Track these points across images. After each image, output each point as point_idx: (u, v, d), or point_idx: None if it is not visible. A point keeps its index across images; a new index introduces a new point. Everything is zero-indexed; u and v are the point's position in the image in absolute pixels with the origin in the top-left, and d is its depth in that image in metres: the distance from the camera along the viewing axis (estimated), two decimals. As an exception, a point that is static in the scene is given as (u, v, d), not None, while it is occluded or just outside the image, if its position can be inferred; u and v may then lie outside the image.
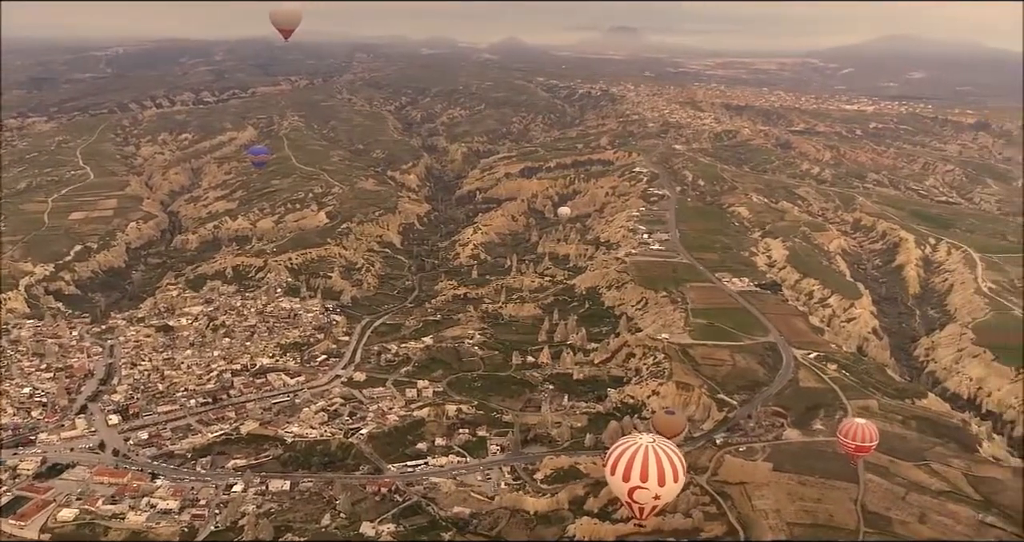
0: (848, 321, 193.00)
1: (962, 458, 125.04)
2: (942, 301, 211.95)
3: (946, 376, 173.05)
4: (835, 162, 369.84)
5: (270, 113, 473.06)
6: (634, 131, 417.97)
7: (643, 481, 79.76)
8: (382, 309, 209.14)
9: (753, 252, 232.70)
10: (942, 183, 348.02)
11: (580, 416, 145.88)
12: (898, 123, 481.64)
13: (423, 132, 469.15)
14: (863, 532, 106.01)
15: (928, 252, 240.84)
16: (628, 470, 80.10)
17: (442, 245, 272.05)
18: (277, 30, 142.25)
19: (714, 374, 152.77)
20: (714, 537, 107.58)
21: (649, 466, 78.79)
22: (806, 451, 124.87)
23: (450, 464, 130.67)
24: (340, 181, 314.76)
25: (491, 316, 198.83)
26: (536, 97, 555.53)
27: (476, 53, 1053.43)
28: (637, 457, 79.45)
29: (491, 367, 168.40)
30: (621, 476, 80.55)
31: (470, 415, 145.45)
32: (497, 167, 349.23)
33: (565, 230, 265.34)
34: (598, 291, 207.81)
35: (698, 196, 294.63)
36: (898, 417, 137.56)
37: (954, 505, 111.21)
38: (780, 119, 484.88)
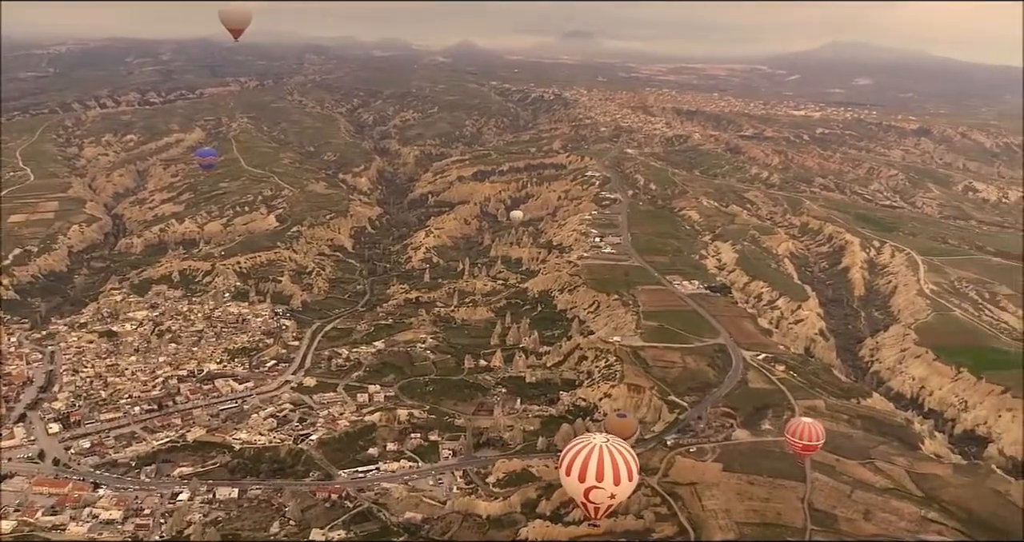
0: (796, 323, 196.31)
1: (905, 456, 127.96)
2: (886, 303, 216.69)
3: (890, 376, 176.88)
4: (783, 167, 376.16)
5: (219, 114, 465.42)
6: (587, 135, 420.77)
7: (599, 481, 79.86)
8: (333, 313, 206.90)
9: (703, 255, 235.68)
10: (886, 187, 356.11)
11: (533, 419, 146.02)
12: (844, 128, 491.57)
13: (375, 135, 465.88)
14: (810, 530, 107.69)
15: (873, 255, 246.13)
16: (583, 470, 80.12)
17: (394, 249, 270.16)
18: (227, 30, 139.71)
19: (665, 376, 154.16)
20: (665, 537, 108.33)
21: (604, 466, 78.93)
22: (755, 451, 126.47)
23: (402, 469, 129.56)
24: (290, 184, 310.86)
25: (443, 320, 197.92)
26: (489, 100, 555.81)
27: (429, 56, 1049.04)
28: (592, 457, 79.52)
29: (443, 371, 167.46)
30: (577, 477, 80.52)
31: (422, 419, 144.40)
32: (450, 170, 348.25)
33: (518, 233, 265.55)
34: (550, 294, 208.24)
35: (649, 200, 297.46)
36: (844, 416, 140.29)
37: (897, 502, 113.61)
38: (730, 124, 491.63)
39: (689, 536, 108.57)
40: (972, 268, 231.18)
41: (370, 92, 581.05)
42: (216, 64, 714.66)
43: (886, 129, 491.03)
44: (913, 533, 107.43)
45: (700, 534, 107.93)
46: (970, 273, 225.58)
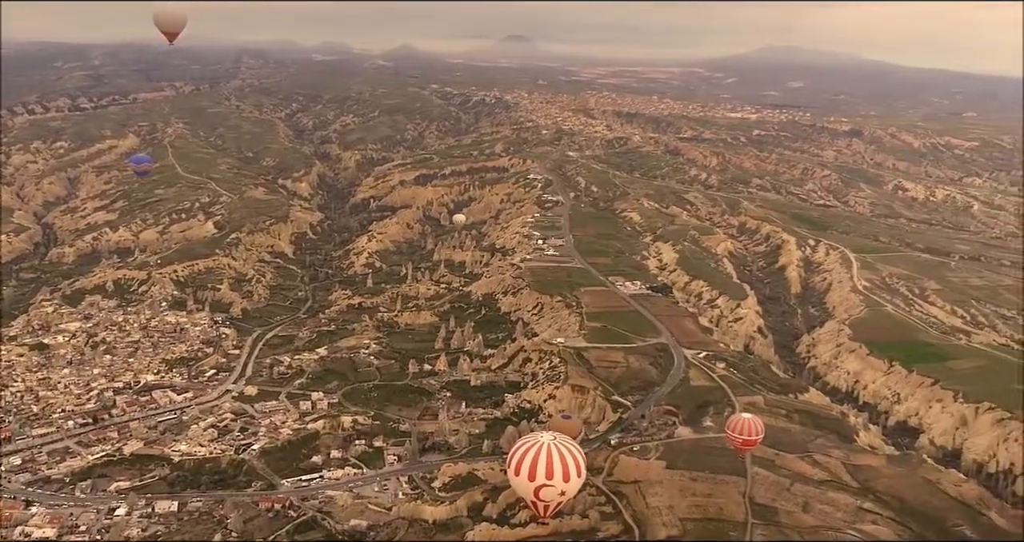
0: (735, 321, 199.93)
1: (841, 448, 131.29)
2: (821, 299, 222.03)
3: (826, 371, 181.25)
4: (721, 168, 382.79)
5: (153, 120, 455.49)
6: (528, 138, 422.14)
7: (548, 479, 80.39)
8: (274, 321, 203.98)
9: (645, 256, 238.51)
10: (820, 187, 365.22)
11: (478, 422, 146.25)
12: (779, 130, 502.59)
13: (315, 139, 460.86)
14: (751, 523, 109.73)
15: (808, 253, 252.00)
16: (533, 469, 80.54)
17: (336, 254, 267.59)
18: (162, 33, 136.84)
19: (608, 376, 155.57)
20: (610, 536, 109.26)
21: (554, 463, 79.52)
22: (697, 448, 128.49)
23: (346, 476, 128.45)
24: (228, 190, 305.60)
25: (387, 325, 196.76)
26: (430, 104, 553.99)
27: (369, 59, 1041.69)
28: (541, 455, 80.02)
29: (387, 376, 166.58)
30: (526, 476, 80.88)
31: (366, 426, 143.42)
32: (391, 174, 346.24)
33: (460, 237, 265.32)
34: (494, 297, 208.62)
35: (591, 202, 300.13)
36: (782, 411, 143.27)
37: (834, 493, 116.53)
38: (669, 126, 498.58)
39: (634, 534, 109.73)
40: (902, 264, 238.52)
41: (310, 96, 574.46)
42: (150, 68, 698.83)
43: (819, 130, 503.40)
44: (849, 523, 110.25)
45: (644, 531, 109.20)
46: (900, 269, 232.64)
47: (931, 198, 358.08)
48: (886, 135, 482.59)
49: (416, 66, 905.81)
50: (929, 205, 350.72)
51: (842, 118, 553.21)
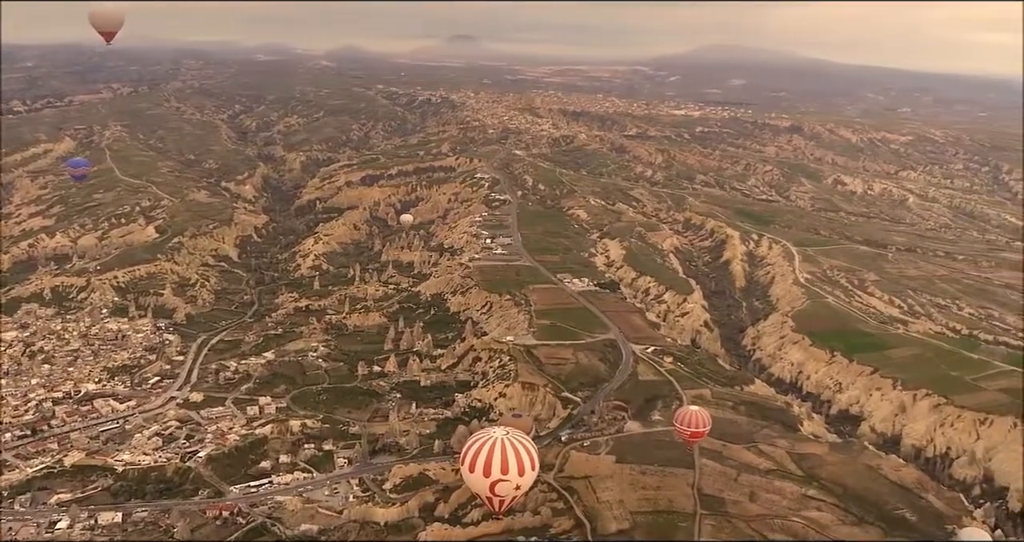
0: (682, 315, 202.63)
1: (786, 438, 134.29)
2: (765, 292, 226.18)
3: (771, 362, 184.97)
4: (666, 165, 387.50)
5: (90, 123, 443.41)
6: (475, 137, 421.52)
7: (504, 474, 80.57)
8: (219, 325, 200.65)
9: (592, 253, 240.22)
10: (762, 182, 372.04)
11: (428, 423, 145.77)
12: (722, 127, 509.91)
13: (259, 141, 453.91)
14: (699, 514, 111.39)
15: (752, 247, 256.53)
16: (488, 465, 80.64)
17: (282, 257, 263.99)
18: (98, 33, 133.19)
19: (558, 373, 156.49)
20: (562, 531, 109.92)
21: (508, 458, 79.76)
22: (646, 441, 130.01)
23: (296, 481, 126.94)
24: (170, 193, 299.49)
25: (335, 327, 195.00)
26: (376, 104, 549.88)
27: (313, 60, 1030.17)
28: (495, 451, 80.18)
29: (336, 379, 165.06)
30: (481, 472, 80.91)
31: (315, 429, 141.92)
32: (337, 176, 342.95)
33: (408, 237, 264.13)
34: (443, 297, 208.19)
35: (538, 200, 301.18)
36: (729, 403, 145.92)
37: (780, 482, 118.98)
38: (614, 124, 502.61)
39: (585, 529, 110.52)
40: (842, 257, 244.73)
41: (252, 97, 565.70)
42: (86, 70, 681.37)
43: (761, 127, 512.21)
44: (794, 511, 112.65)
45: (596, 526, 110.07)
46: (840, 262, 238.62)
47: (869, 192, 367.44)
48: (825, 131, 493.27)
49: (361, 66, 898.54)
50: (867, 199, 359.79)
51: (783, 115, 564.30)
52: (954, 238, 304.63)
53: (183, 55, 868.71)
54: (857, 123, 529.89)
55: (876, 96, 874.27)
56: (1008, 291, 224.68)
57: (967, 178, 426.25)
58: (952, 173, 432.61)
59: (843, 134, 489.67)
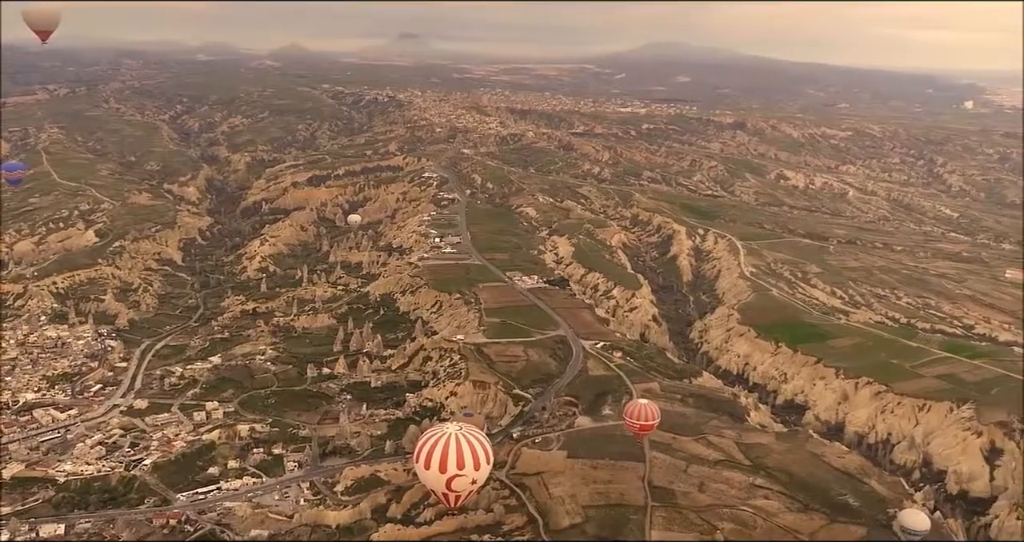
0: (631, 311, 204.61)
1: (734, 428, 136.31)
2: (712, 286, 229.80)
3: (718, 355, 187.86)
4: (613, 162, 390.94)
5: (25, 125, 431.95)
6: (422, 137, 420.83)
7: (460, 469, 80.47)
8: (164, 331, 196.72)
9: (541, 250, 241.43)
10: (707, 178, 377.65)
11: (379, 424, 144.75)
12: (667, 124, 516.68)
13: (202, 142, 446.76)
14: (650, 506, 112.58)
15: (698, 242, 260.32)
16: (444, 461, 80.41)
17: (227, 259, 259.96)
18: (33, 32, 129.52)
19: (509, 370, 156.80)
20: (515, 528, 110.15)
21: (464, 453, 79.71)
22: (597, 436, 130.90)
23: (245, 486, 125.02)
24: (110, 196, 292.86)
25: (283, 330, 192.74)
26: (322, 104, 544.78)
27: (257, 59, 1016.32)
28: (450, 446, 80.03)
29: (285, 382, 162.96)
30: (437, 468, 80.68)
31: (265, 433, 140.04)
32: (283, 176, 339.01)
33: (356, 238, 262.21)
34: (392, 297, 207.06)
35: (487, 198, 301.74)
36: (677, 396, 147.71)
37: (728, 472, 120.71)
38: (562, 122, 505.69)
39: (538, 525, 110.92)
40: (785, 250, 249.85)
41: (195, 98, 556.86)
42: (20, 71, 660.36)
43: (705, 123, 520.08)
44: (743, 499, 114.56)
45: (548, 521, 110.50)
46: (784, 255, 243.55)
47: (810, 186, 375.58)
48: (768, 127, 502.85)
49: (306, 66, 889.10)
50: (809, 192, 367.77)
51: (726, 111, 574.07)
52: (892, 230, 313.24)
53: (122, 55, 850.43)
54: (798, 119, 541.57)
55: (816, 92, 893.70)
56: (943, 280, 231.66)
57: (904, 171, 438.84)
58: (889, 167, 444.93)
59: (785, 130, 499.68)
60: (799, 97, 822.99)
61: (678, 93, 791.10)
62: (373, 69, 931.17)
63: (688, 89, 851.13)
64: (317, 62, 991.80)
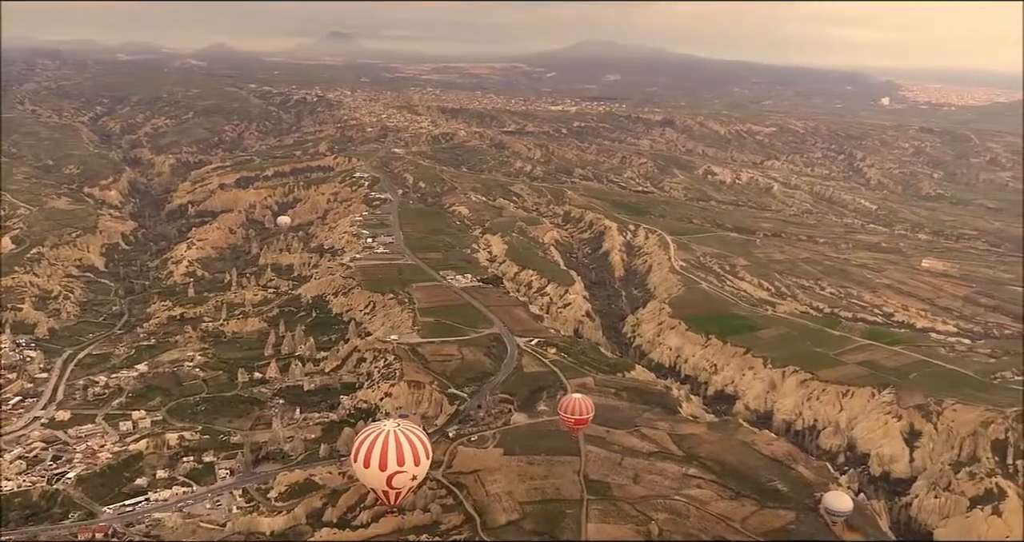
0: (564, 307, 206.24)
1: (666, 420, 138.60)
2: (643, 281, 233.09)
3: (650, 348, 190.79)
4: (545, 159, 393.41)
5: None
6: (353, 136, 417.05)
7: (400, 465, 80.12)
8: (86, 339, 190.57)
9: (475, 249, 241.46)
10: (638, 175, 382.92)
11: (313, 427, 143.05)
12: (598, 121, 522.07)
13: (124, 144, 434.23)
14: (586, 500, 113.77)
15: (629, 238, 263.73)
16: (383, 458, 79.84)
17: (153, 264, 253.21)
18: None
19: (444, 370, 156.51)
20: (452, 527, 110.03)
21: (403, 449, 79.28)
22: (533, 432, 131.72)
23: (175, 496, 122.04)
24: (26, 201, 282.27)
25: (212, 335, 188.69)
26: (249, 104, 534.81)
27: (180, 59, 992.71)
28: (390, 444, 79.53)
29: (215, 388, 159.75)
30: (377, 466, 79.96)
31: (194, 441, 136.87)
32: (210, 178, 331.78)
33: (287, 239, 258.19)
34: (325, 299, 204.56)
35: (419, 198, 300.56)
36: (611, 390, 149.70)
37: (662, 463, 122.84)
38: (493, 121, 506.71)
39: (475, 523, 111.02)
40: (714, 244, 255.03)
41: (116, 98, 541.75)
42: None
43: (635, 121, 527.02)
44: (676, 489, 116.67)
45: (485, 519, 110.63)
46: (712, 248, 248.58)
47: (737, 181, 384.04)
48: (695, 124, 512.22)
49: (232, 65, 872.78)
50: (736, 187, 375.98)
51: (655, 109, 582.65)
52: (815, 223, 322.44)
53: (37, 55, 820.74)
54: (725, 116, 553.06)
55: (742, 90, 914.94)
56: (864, 271, 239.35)
57: (825, 166, 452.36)
58: (812, 161, 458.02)
59: (712, 126, 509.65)
60: (725, 94, 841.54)
61: (608, 91, 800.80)
62: (302, 68, 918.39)
63: (618, 87, 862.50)
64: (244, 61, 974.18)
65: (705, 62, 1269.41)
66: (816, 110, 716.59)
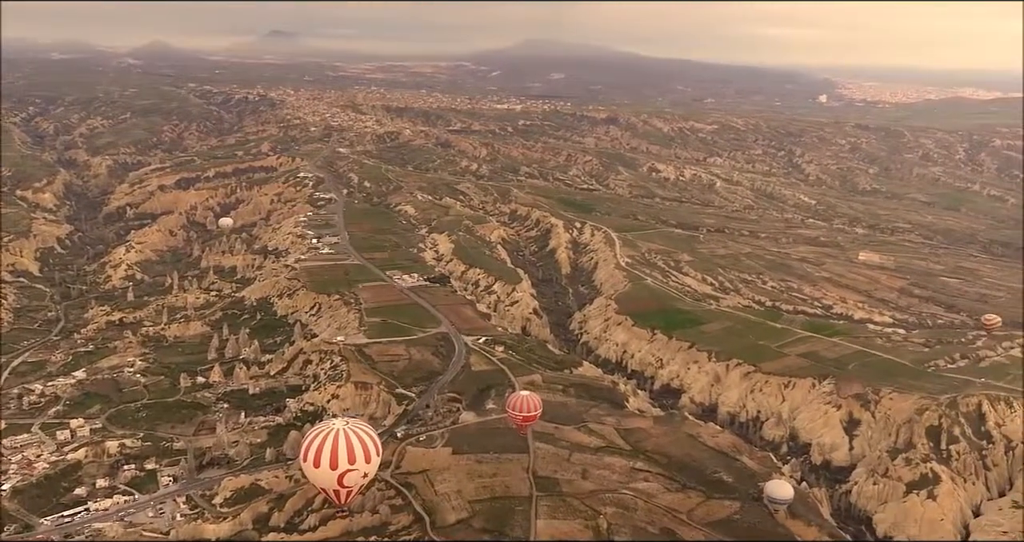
0: (512, 305, 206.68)
1: (614, 415, 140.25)
2: (590, 278, 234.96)
3: (597, 344, 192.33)
4: (491, 158, 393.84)
5: None
6: (296, 136, 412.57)
7: (351, 463, 79.28)
8: (20, 346, 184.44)
9: (421, 248, 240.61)
10: (583, 172, 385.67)
11: (259, 431, 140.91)
12: (543, 120, 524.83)
13: (58, 145, 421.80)
14: (535, 496, 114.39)
15: (575, 235, 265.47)
16: (334, 456, 79.02)
17: (90, 268, 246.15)
18: None
19: (391, 370, 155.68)
20: (402, 527, 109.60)
21: (354, 447, 78.47)
22: (481, 431, 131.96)
23: (116, 505, 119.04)
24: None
25: (153, 339, 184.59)
26: (189, 104, 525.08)
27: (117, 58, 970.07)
28: (340, 442, 78.74)
29: (157, 394, 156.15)
30: (328, 464, 79.08)
31: (136, 448, 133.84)
32: (149, 180, 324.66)
33: (230, 241, 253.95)
34: (269, 301, 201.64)
35: (365, 197, 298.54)
36: (559, 386, 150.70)
37: (609, 458, 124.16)
38: (439, 119, 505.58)
39: (424, 523, 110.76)
40: (658, 240, 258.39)
41: (49, 99, 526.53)
42: None
43: (580, 119, 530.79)
44: (624, 483, 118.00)
45: (434, 519, 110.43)
46: (657, 245, 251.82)
47: (680, 177, 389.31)
48: (639, 121, 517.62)
49: (171, 64, 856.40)
50: (679, 184, 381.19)
51: (599, 107, 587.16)
52: (757, 218, 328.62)
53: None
54: (668, 114, 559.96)
55: (685, 88, 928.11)
56: (804, 264, 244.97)
57: (766, 162, 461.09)
58: (753, 158, 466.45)
59: (656, 124, 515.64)
60: (668, 92, 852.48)
61: (553, 90, 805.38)
62: (243, 67, 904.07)
63: (563, 86, 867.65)
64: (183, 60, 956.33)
65: (648, 60, 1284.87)
66: (757, 108, 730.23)
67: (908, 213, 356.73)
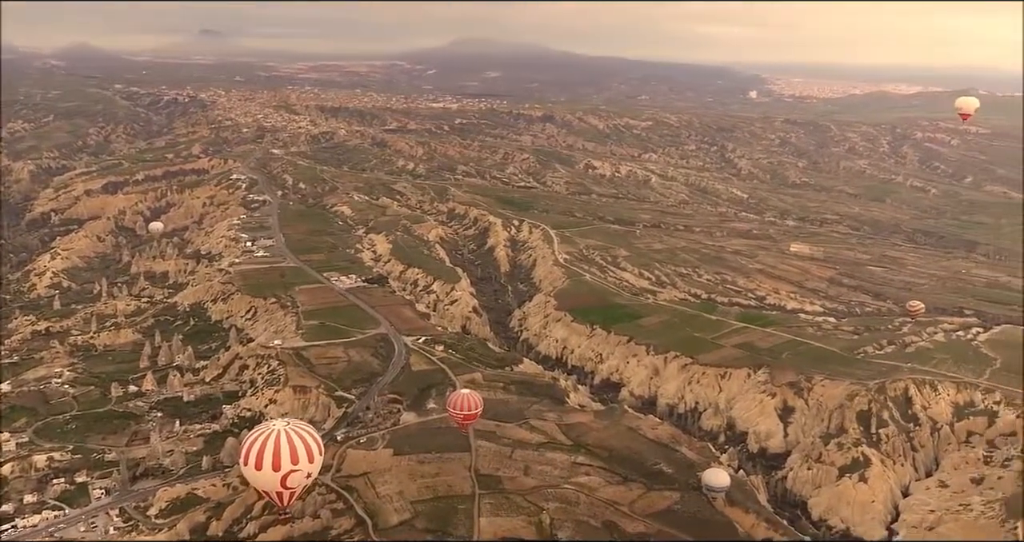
0: (451, 304, 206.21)
1: (555, 411, 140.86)
2: (529, 275, 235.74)
3: (537, 341, 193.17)
4: (428, 157, 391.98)
5: None
6: (228, 137, 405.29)
7: (295, 464, 77.95)
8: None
9: (358, 249, 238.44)
10: (520, 170, 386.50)
11: (195, 439, 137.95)
12: (479, 118, 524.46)
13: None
14: (478, 494, 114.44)
15: (514, 233, 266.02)
16: (276, 458, 77.60)
17: (14, 277, 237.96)
18: None
19: (330, 372, 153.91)
20: (343, 532, 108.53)
21: (296, 447, 77.19)
22: (423, 431, 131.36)
23: (45, 521, 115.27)
24: None
25: (82, 349, 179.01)
26: (115, 106, 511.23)
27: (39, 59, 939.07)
28: (282, 443, 77.36)
29: (87, 404, 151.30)
30: (270, 466, 77.65)
31: (65, 462, 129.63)
32: (74, 184, 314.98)
33: (160, 246, 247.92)
34: (203, 306, 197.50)
35: (300, 199, 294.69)
36: (500, 384, 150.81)
37: (551, 453, 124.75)
38: (374, 119, 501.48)
39: (367, 525, 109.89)
40: (596, 236, 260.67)
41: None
42: None
43: (516, 117, 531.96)
44: (565, 478, 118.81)
45: (377, 521, 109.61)
46: (595, 241, 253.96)
47: (616, 174, 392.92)
48: (575, 119, 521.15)
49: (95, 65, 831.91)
50: (615, 180, 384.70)
51: (535, 105, 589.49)
52: (691, 213, 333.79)
53: None
54: (603, 111, 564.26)
55: (619, 85, 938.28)
56: (738, 257, 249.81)
57: (699, 157, 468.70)
58: (687, 154, 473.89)
59: (591, 121, 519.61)
60: (603, 90, 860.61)
61: (489, 88, 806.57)
62: (171, 68, 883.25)
63: (499, 84, 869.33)
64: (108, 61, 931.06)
65: (583, 58, 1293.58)
66: (689, 104, 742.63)
67: (836, 205, 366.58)
